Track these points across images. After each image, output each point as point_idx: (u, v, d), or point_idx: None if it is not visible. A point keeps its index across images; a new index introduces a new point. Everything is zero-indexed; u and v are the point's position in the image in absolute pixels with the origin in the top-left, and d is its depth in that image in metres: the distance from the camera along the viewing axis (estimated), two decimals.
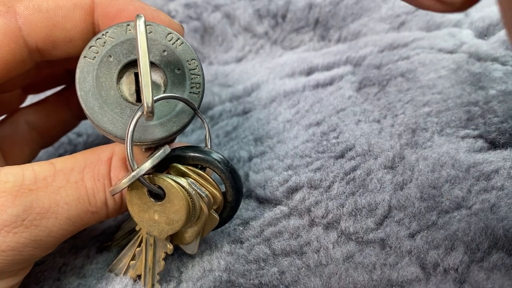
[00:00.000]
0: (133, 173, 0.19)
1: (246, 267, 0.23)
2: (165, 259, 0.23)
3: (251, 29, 0.38)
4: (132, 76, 0.21)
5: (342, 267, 0.22)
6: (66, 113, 0.28)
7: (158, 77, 0.21)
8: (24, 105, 0.28)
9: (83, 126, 0.31)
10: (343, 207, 0.24)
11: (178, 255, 0.24)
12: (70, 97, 0.28)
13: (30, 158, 0.27)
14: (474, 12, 0.35)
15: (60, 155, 0.31)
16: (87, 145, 0.31)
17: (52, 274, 0.25)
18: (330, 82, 0.31)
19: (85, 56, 0.20)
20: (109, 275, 0.24)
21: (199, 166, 0.22)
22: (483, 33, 0.33)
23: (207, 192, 0.21)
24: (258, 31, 0.38)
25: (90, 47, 0.21)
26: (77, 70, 0.20)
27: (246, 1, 0.38)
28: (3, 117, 0.27)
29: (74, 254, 0.26)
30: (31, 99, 0.29)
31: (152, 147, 0.21)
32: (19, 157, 0.26)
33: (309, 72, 0.33)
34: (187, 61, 0.21)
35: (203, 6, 0.39)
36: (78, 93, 0.20)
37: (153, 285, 0.23)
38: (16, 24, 0.20)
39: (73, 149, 0.32)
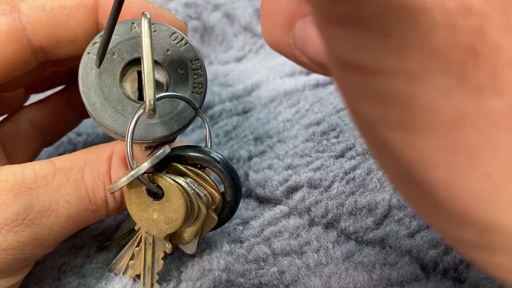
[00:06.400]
0: (132, 172, 0.19)
1: (245, 266, 0.23)
2: (164, 258, 0.22)
3: (251, 28, 0.38)
4: (135, 74, 0.21)
5: (342, 266, 0.22)
6: (68, 111, 0.28)
7: (161, 76, 0.21)
8: (26, 104, 0.28)
9: (83, 125, 0.31)
10: (343, 206, 0.24)
11: (178, 255, 0.24)
12: (72, 95, 0.28)
13: (32, 156, 0.27)
14: None
15: (59, 154, 0.31)
16: (87, 145, 0.31)
17: (52, 273, 0.25)
18: (330, 82, 0.31)
19: (88, 53, 0.20)
20: (108, 274, 0.24)
21: (199, 165, 0.22)
22: None
23: (205, 192, 0.21)
24: (258, 31, 0.37)
25: (94, 43, 0.20)
26: (80, 66, 0.20)
27: (246, 1, 0.38)
28: (5, 116, 0.27)
29: (74, 253, 0.26)
30: (32, 98, 0.29)
31: (152, 146, 0.21)
32: (22, 156, 0.26)
33: (309, 71, 0.33)
34: (191, 61, 0.21)
35: (203, 6, 0.38)
36: (81, 88, 0.20)
37: (152, 284, 0.23)
38: (20, 23, 0.20)
39: (73, 148, 0.31)
